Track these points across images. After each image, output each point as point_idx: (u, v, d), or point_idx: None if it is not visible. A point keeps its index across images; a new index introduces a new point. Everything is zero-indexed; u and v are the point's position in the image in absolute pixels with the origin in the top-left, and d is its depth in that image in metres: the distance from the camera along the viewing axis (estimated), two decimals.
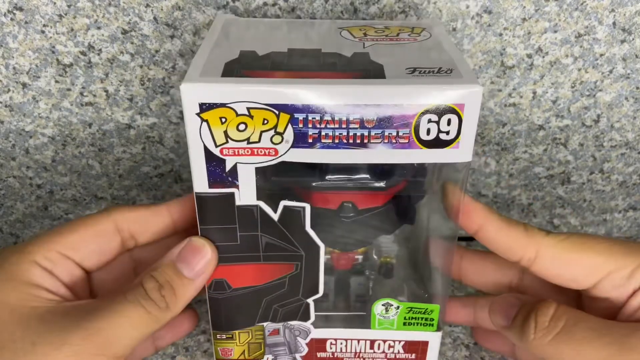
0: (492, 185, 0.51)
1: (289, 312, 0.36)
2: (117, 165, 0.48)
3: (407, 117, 0.28)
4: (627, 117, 0.47)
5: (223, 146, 0.29)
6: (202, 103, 0.28)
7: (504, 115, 0.47)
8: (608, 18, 0.42)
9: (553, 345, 0.30)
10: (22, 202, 0.50)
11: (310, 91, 0.27)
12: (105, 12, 0.40)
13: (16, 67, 0.42)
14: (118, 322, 0.31)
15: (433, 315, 0.36)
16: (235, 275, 0.34)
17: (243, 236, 0.32)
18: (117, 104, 0.44)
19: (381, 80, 0.28)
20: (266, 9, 0.41)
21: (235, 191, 0.31)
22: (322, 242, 0.33)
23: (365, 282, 0.40)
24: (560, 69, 0.44)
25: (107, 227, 0.35)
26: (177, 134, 0.46)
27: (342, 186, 0.33)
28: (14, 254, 0.33)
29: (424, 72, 0.29)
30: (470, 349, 0.42)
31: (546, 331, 0.31)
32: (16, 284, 0.32)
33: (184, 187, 0.50)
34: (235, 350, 0.38)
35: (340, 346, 0.38)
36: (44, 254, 0.33)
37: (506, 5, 0.41)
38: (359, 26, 0.36)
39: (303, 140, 0.29)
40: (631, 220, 0.55)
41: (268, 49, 0.32)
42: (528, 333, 0.31)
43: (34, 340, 0.30)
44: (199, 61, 0.30)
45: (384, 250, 0.39)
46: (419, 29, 0.36)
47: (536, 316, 0.31)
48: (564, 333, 0.30)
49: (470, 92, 0.28)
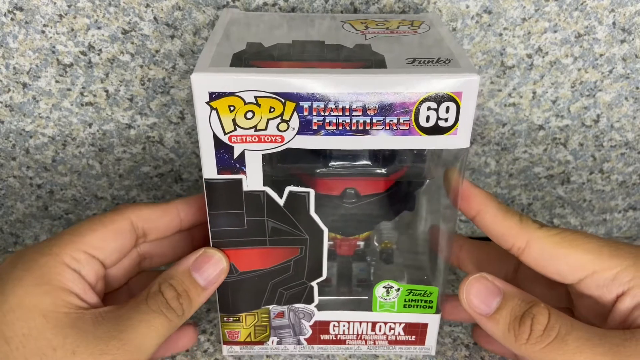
0: (492, 185, 0.51)
1: (293, 295, 0.37)
2: (117, 165, 0.48)
3: (407, 105, 0.29)
4: (627, 117, 0.47)
5: (231, 133, 0.30)
6: (211, 92, 0.29)
7: (504, 115, 0.47)
8: (608, 18, 0.42)
9: (545, 353, 0.30)
10: (22, 202, 0.50)
11: (315, 80, 0.29)
12: (105, 12, 0.40)
13: (16, 67, 0.42)
14: (145, 332, 0.32)
15: (432, 298, 0.38)
16: (242, 259, 0.35)
17: (250, 221, 0.34)
18: (117, 104, 0.44)
19: (383, 70, 0.30)
20: (266, 9, 0.41)
21: (243, 177, 0.32)
22: (325, 227, 0.34)
23: (367, 267, 0.41)
24: (560, 69, 0.44)
25: (125, 226, 0.36)
26: (177, 134, 0.46)
27: (344, 173, 0.34)
28: (43, 256, 0.33)
29: (423, 62, 0.30)
30: (470, 349, 0.42)
31: (540, 339, 0.30)
32: (49, 288, 0.32)
33: (184, 187, 0.50)
34: (242, 333, 0.39)
35: (343, 328, 0.39)
36: (72, 254, 0.34)
37: (506, 5, 0.41)
38: (360, 19, 0.37)
39: (308, 127, 0.30)
40: (631, 220, 0.55)
41: (273, 40, 0.33)
42: (520, 337, 0.31)
43: (74, 349, 0.31)
44: (208, 52, 0.31)
45: (384, 236, 0.40)
46: (418, 22, 0.37)
47: (532, 323, 0.31)
48: (557, 342, 0.30)
49: (468, 80, 0.29)
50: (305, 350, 0.40)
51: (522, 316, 0.31)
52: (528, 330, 0.31)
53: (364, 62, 0.31)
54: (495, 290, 0.32)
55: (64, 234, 0.35)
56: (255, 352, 0.40)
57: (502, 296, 0.32)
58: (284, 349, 0.40)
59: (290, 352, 0.41)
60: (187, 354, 0.41)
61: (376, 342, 0.40)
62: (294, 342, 0.40)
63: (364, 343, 0.40)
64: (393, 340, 0.40)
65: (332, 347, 0.40)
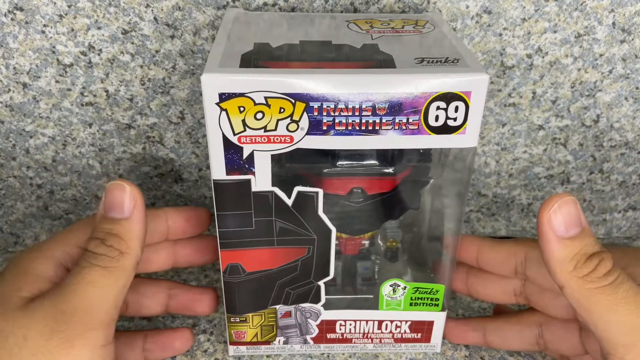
0: (492, 185, 0.51)
1: (300, 295, 0.37)
2: (117, 165, 0.48)
3: (417, 104, 0.30)
4: (626, 117, 0.47)
5: (241, 134, 0.30)
6: (221, 93, 0.29)
7: (504, 115, 0.47)
8: (608, 18, 0.42)
9: (595, 293, 0.31)
10: (22, 201, 0.50)
11: (326, 81, 0.29)
12: (105, 12, 0.40)
13: (16, 67, 0.42)
14: (86, 292, 0.31)
15: (438, 295, 0.38)
16: (250, 259, 0.35)
17: (258, 221, 0.34)
18: (117, 104, 0.44)
19: (392, 69, 0.30)
20: (266, 9, 0.41)
21: (252, 178, 0.32)
22: (333, 226, 0.35)
23: (372, 266, 0.41)
24: (560, 69, 0.44)
25: None
26: (177, 134, 0.46)
27: (352, 172, 0.35)
28: (32, 252, 0.34)
29: (432, 61, 0.31)
30: (470, 349, 0.42)
31: (597, 280, 0.31)
32: (21, 276, 0.32)
33: (184, 187, 0.50)
34: (249, 333, 0.39)
35: (350, 327, 0.40)
36: (65, 249, 0.34)
37: (506, 5, 0.41)
38: (365, 19, 0.38)
39: (318, 127, 0.30)
40: (631, 220, 0.55)
41: (280, 40, 0.34)
42: (579, 271, 0.31)
43: (24, 334, 0.30)
44: (217, 53, 0.31)
45: (389, 234, 0.40)
46: (422, 22, 0.37)
47: (597, 264, 0.31)
48: (610, 287, 0.31)
49: (477, 79, 0.29)
50: (311, 349, 0.41)
51: (590, 255, 0.31)
52: (591, 268, 0.31)
53: (373, 62, 0.31)
54: (578, 221, 0.32)
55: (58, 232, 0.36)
56: (262, 352, 0.40)
57: (582, 229, 0.32)
58: (290, 348, 0.40)
59: (297, 351, 0.41)
60: (187, 354, 0.41)
61: (382, 340, 0.40)
62: (301, 342, 0.40)
63: (370, 341, 0.40)
64: (399, 338, 0.40)
65: (338, 346, 0.41)
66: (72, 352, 0.30)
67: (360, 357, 0.41)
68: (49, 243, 0.35)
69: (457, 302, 0.47)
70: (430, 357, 0.41)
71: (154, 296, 0.40)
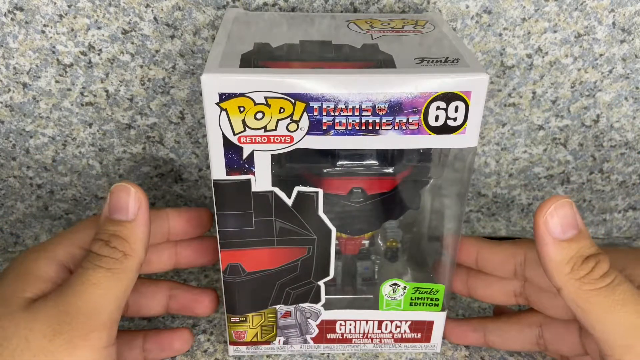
0: (492, 185, 0.51)
1: (300, 295, 0.38)
2: (117, 165, 0.48)
3: (417, 104, 0.30)
4: (626, 117, 0.47)
5: (241, 134, 0.30)
6: (221, 93, 0.29)
7: (503, 115, 0.47)
8: (608, 18, 0.42)
9: (592, 295, 0.31)
10: (22, 201, 0.50)
11: (326, 81, 0.29)
12: (105, 12, 0.40)
13: (16, 67, 0.42)
14: (90, 293, 0.31)
15: (438, 295, 0.38)
16: (250, 259, 0.35)
17: (258, 221, 0.34)
18: (117, 104, 0.44)
19: (392, 69, 0.30)
20: (266, 9, 0.41)
21: (252, 178, 0.32)
22: (333, 226, 0.35)
23: (372, 266, 0.41)
24: (560, 69, 0.44)
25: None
26: (177, 134, 0.46)
27: (352, 172, 0.35)
28: (33, 252, 0.34)
29: (432, 61, 0.31)
30: (470, 349, 0.42)
31: (594, 282, 0.31)
32: (23, 276, 0.32)
33: (184, 187, 0.50)
34: (248, 333, 0.39)
35: (350, 327, 0.40)
36: (67, 249, 0.34)
37: (506, 5, 0.41)
38: (364, 19, 0.38)
39: (318, 127, 0.30)
40: (631, 220, 0.55)
41: (280, 40, 0.34)
42: (576, 273, 0.31)
43: (26, 335, 0.30)
44: (217, 53, 0.31)
45: (389, 234, 0.40)
46: (422, 22, 0.37)
47: (594, 266, 0.31)
48: (608, 289, 0.31)
49: (477, 79, 0.29)
50: (311, 349, 0.41)
51: (587, 257, 0.31)
52: (587, 270, 0.31)
53: (373, 62, 0.31)
54: (575, 223, 0.32)
55: (60, 233, 0.36)
56: (262, 352, 0.40)
57: (579, 231, 0.32)
58: (290, 348, 0.40)
59: (297, 351, 0.41)
60: (187, 354, 0.41)
61: (382, 340, 0.40)
62: (301, 342, 0.40)
63: (370, 341, 0.40)
64: (399, 338, 0.40)
65: (338, 346, 0.41)
66: (74, 353, 0.30)
67: (360, 357, 0.41)
68: (51, 244, 0.35)
69: (457, 303, 0.47)
70: (430, 357, 0.41)
71: (154, 297, 0.40)
